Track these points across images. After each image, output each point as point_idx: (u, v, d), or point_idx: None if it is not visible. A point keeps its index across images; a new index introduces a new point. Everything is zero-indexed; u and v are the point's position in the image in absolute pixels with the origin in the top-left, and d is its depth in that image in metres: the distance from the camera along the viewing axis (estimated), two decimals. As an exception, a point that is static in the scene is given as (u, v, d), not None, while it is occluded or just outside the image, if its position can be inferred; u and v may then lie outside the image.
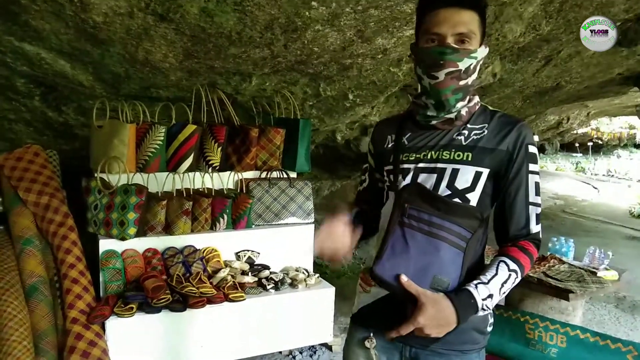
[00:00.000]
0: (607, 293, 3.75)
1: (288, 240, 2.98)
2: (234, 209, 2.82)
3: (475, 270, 1.26)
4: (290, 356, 3.11)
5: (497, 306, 2.68)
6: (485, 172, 1.25)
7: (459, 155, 1.25)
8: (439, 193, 1.24)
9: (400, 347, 1.32)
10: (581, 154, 19.38)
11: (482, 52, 1.26)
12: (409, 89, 3.51)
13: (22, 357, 2.06)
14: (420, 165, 1.28)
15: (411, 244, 1.20)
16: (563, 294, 2.46)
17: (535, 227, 1.28)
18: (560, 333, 2.41)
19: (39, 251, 2.38)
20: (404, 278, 1.16)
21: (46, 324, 2.24)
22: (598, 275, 2.67)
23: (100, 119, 2.66)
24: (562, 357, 2.36)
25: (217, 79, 2.67)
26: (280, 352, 3.11)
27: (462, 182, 1.24)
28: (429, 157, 1.28)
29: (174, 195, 2.68)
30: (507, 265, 1.22)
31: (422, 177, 1.27)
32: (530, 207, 1.27)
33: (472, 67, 1.25)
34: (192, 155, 2.69)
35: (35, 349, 2.17)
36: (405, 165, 1.30)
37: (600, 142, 19.43)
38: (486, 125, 1.29)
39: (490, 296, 1.19)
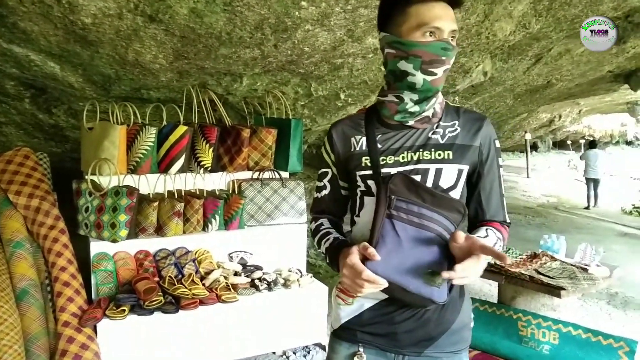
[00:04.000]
0: (599, 289, 3.77)
1: (281, 241, 2.98)
2: (226, 210, 2.81)
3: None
4: (284, 356, 3.10)
5: (490, 304, 2.69)
6: (466, 168, 1.25)
7: (439, 155, 1.23)
8: None
9: (392, 357, 1.28)
10: (573, 152, 19.48)
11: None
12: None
13: (13, 361, 2.05)
14: (402, 168, 1.23)
15: (403, 237, 1.15)
16: (555, 291, 2.46)
17: (507, 217, 1.33)
18: (552, 330, 2.42)
19: (29, 254, 2.37)
20: (460, 234, 1.09)
21: (37, 327, 2.23)
22: (590, 272, 2.67)
23: (91, 120, 2.65)
24: (555, 354, 2.37)
25: (208, 79, 2.66)
26: (274, 353, 3.10)
27: (446, 181, 1.23)
28: (409, 158, 1.24)
29: (166, 196, 2.67)
30: (494, 232, 1.24)
31: None
32: (503, 199, 1.31)
33: None
34: (183, 156, 2.68)
35: (27, 352, 2.16)
36: (386, 170, 1.24)
37: (592, 139, 19.56)
38: (456, 122, 1.28)
39: None
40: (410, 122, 1.26)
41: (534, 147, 19.10)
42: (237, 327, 2.59)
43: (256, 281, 2.73)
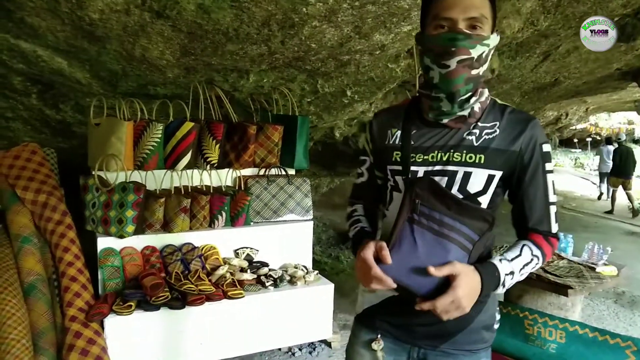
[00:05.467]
0: (606, 288, 3.76)
1: (287, 237, 2.98)
2: (232, 206, 2.81)
3: None
4: (290, 353, 3.11)
5: (496, 302, 2.68)
6: (498, 174, 1.20)
7: (470, 158, 1.19)
8: None
9: (408, 348, 1.29)
10: (580, 150, 19.40)
11: (494, 39, 1.19)
12: (407, 85, 3.51)
13: (20, 356, 2.06)
14: (430, 168, 1.21)
15: (420, 244, 1.13)
16: (562, 289, 2.46)
17: (555, 227, 1.25)
18: (559, 329, 2.41)
19: (37, 249, 2.38)
20: (431, 269, 1.08)
21: (45, 322, 2.24)
22: (597, 270, 2.66)
23: (98, 116, 2.66)
24: (561, 353, 2.36)
25: (215, 75, 2.66)
26: (280, 349, 3.11)
27: (474, 186, 1.19)
28: (438, 158, 1.20)
29: (172, 192, 2.68)
30: (531, 249, 1.21)
31: None
32: (550, 207, 1.24)
33: (484, 55, 1.17)
34: (190, 152, 2.68)
35: (34, 347, 2.17)
36: (414, 168, 1.22)
37: (599, 137, 19.43)
38: (497, 123, 1.22)
39: (512, 273, 1.16)
40: (445, 121, 1.22)
41: (541, 145, 19.01)
42: (242, 323, 2.59)
43: (262, 277, 2.73)
